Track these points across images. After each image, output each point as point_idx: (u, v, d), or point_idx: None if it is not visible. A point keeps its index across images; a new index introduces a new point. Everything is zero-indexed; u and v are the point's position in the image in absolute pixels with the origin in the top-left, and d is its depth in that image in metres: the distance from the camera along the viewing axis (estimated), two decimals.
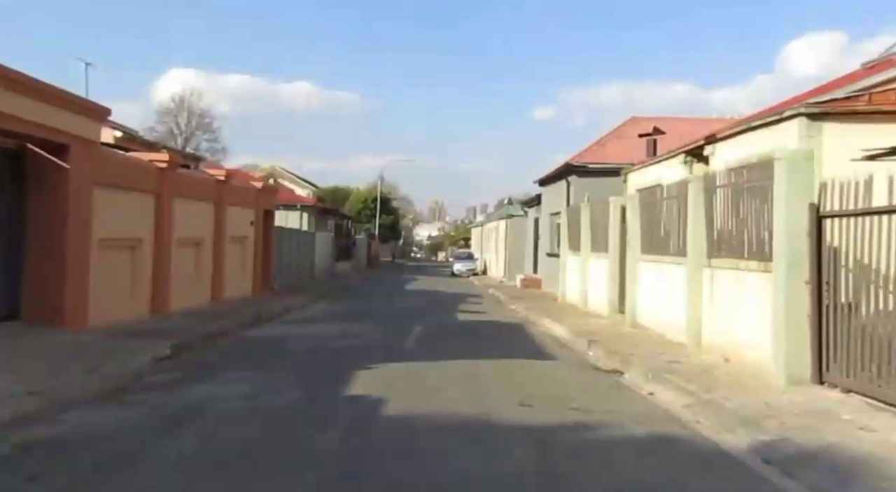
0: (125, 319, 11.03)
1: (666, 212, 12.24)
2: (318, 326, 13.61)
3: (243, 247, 18.50)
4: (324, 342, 10.97)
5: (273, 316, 15.00)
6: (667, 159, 16.36)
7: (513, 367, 9.14)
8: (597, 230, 17.06)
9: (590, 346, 11.54)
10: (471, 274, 42.26)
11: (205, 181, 15.36)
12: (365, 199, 60.49)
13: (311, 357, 9.46)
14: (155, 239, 12.34)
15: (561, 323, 14.55)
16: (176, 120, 66.85)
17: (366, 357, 9.49)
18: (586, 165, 21.45)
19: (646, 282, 13.16)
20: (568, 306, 18.64)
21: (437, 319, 15.86)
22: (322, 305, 18.88)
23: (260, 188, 19.24)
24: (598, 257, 16.72)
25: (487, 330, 14.01)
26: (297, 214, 34.69)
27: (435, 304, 20.27)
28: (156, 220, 12.33)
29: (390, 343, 11.26)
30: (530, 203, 30.49)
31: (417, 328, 13.48)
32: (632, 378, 8.81)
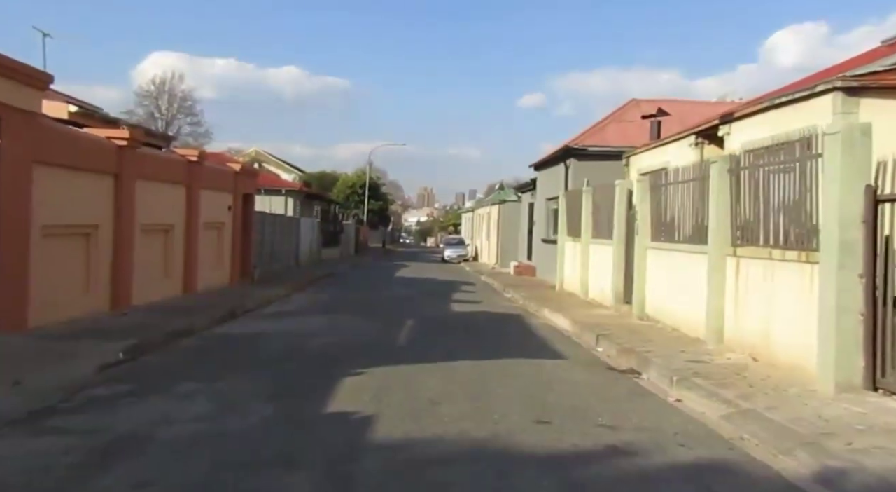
0: (78, 317, 9.83)
1: (681, 196, 11.15)
2: (299, 320, 12.46)
3: (220, 234, 17.27)
4: (304, 341, 9.82)
5: (250, 309, 13.83)
6: (675, 141, 15.27)
7: (520, 369, 8.04)
8: (600, 216, 15.97)
9: (598, 341, 10.49)
10: (461, 260, 41.18)
11: (174, 162, 14.09)
12: (353, 184, 59.07)
13: (288, 360, 8.30)
14: (115, 226, 11.10)
15: (562, 314, 13.49)
16: (157, 103, 65.20)
17: (351, 359, 8.37)
18: (586, 147, 20.32)
19: (656, 271, 12.09)
20: (567, 296, 17.59)
21: (430, 310, 14.76)
22: (305, 295, 17.72)
23: (238, 171, 17.97)
24: (600, 244, 15.64)
25: (485, 323, 12.92)
26: (281, 199, 33.44)
27: (427, 293, 19.15)
28: (115, 204, 11.08)
29: (380, 340, 10.13)
30: (524, 188, 29.37)
31: (409, 321, 12.37)
32: (652, 381, 7.76)
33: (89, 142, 10.48)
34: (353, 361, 8.15)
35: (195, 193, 14.93)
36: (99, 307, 10.64)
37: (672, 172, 11.73)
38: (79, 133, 10.40)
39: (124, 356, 7.72)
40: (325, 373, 7.32)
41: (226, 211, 17.44)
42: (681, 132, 14.82)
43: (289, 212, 32.33)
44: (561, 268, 19.40)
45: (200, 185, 15.25)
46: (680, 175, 11.28)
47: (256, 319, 12.54)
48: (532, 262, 26.62)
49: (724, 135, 12.56)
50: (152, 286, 12.97)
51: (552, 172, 23.30)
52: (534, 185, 26.69)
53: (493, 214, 37.67)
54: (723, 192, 9.29)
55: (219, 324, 11.42)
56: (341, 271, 27.98)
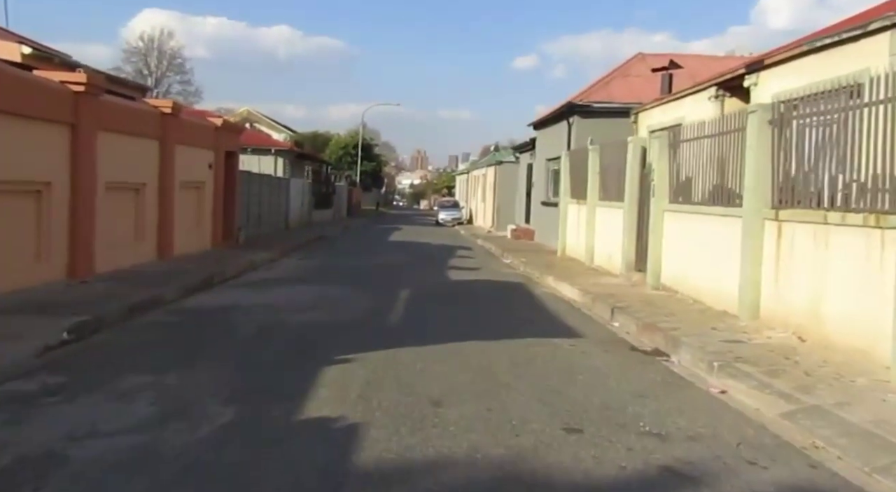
0: (27, 287, 8.66)
1: (706, 153, 9.97)
2: (282, 289, 11.34)
3: (200, 194, 16.00)
4: (285, 316, 8.71)
5: (230, 277, 12.68)
6: (691, 94, 14.02)
7: (533, 352, 6.96)
8: (608, 176, 14.78)
9: (614, 314, 9.43)
10: (456, 223, 40.03)
11: (144, 113, 12.74)
12: (346, 145, 57.41)
13: (262, 342, 7.18)
14: (72, 183, 9.84)
15: (568, 283, 12.42)
16: (145, 60, 63.12)
17: (338, 340, 7.27)
18: (591, 104, 18.99)
19: (675, 236, 10.99)
20: (570, 261, 16.51)
21: (425, 278, 13.66)
22: (292, 260, 16.57)
23: (220, 126, 16.60)
24: (608, 207, 14.49)
25: (487, 293, 11.84)
26: (270, 158, 31.95)
27: (421, 258, 18.04)
28: (72, 158, 9.80)
29: (371, 315, 9.02)
30: (523, 148, 28.05)
31: (404, 292, 11.27)
32: (686, 365, 6.71)
33: (38, 86, 9.15)
34: (340, 343, 7.05)
35: (170, 148, 13.62)
36: (54, 276, 9.45)
37: (694, 127, 10.53)
38: (25, 75, 9.06)
39: (69, 337, 6.57)
40: (305, 360, 6.21)
41: (206, 169, 16.15)
42: (698, 84, 13.56)
43: (278, 173, 30.93)
44: (563, 232, 18.28)
45: (176, 139, 13.93)
46: (706, 129, 10.09)
47: (235, 288, 11.41)
48: (530, 225, 25.48)
49: (751, 85, 11.34)
50: (120, 251, 11.78)
51: (553, 130, 22.00)
52: (533, 145, 25.40)
53: (488, 176, 36.38)
54: (762, 146, 8.12)
55: (191, 294, 10.28)
56: (332, 235, 26.80)
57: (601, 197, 15.23)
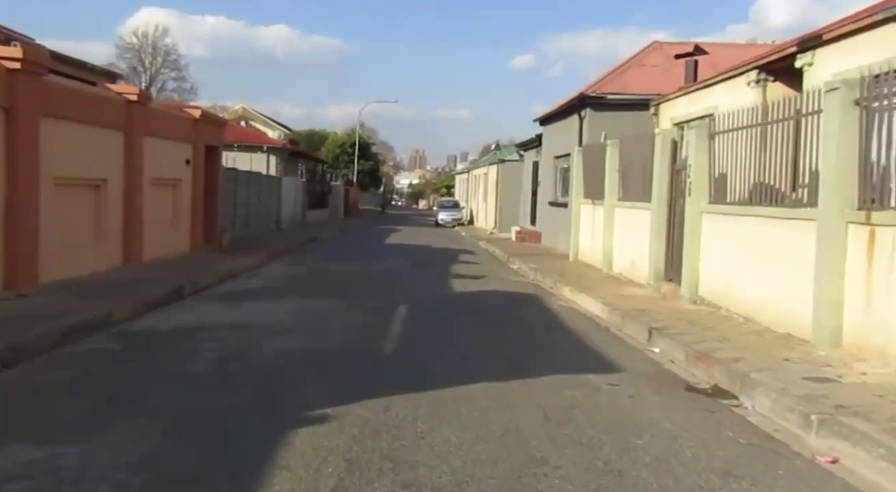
0: None
1: (763, 144, 8.42)
2: (260, 304, 9.77)
3: (176, 192, 14.44)
4: (255, 342, 7.13)
5: (203, 287, 11.11)
6: (724, 81, 12.48)
7: (569, 398, 5.36)
8: (630, 174, 13.22)
9: (652, 337, 7.88)
10: (456, 224, 38.49)
11: (103, 99, 11.15)
12: (343, 143, 55.79)
13: (217, 385, 5.59)
14: (7, 178, 8.27)
15: (588, 294, 10.88)
16: (140, 57, 61.62)
17: (315, 381, 5.71)
18: (605, 95, 17.44)
19: (717, 242, 9.44)
20: (585, 268, 14.96)
21: (426, 288, 12.08)
22: (279, 266, 15.00)
23: (198, 118, 15.03)
24: (631, 208, 12.94)
25: (496, 307, 10.27)
26: (263, 156, 30.40)
27: (422, 264, 16.47)
28: (6, 148, 8.23)
29: (360, 341, 7.45)
30: (528, 145, 26.49)
31: (402, 307, 9.70)
32: (766, 414, 5.16)
33: None
34: (318, 386, 5.49)
35: (137, 140, 12.05)
36: None
37: (744, 114, 8.97)
38: None
39: None
40: (266, 418, 4.61)
41: (183, 165, 14.59)
42: (734, 68, 12.00)
43: (271, 171, 29.37)
44: (576, 235, 16.73)
45: (145, 131, 12.36)
46: (759, 116, 8.53)
47: (206, 302, 9.84)
48: (537, 227, 23.92)
49: (805, 65, 9.80)
50: (75, 257, 10.22)
51: (562, 125, 20.45)
52: (539, 141, 23.84)
53: (490, 175, 34.82)
54: (845, 133, 6.55)
55: (150, 311, 8.70)
56: (327, 237, 25.23)
57: (621, 197, 13.68)
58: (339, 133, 59.99)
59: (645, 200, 12.13)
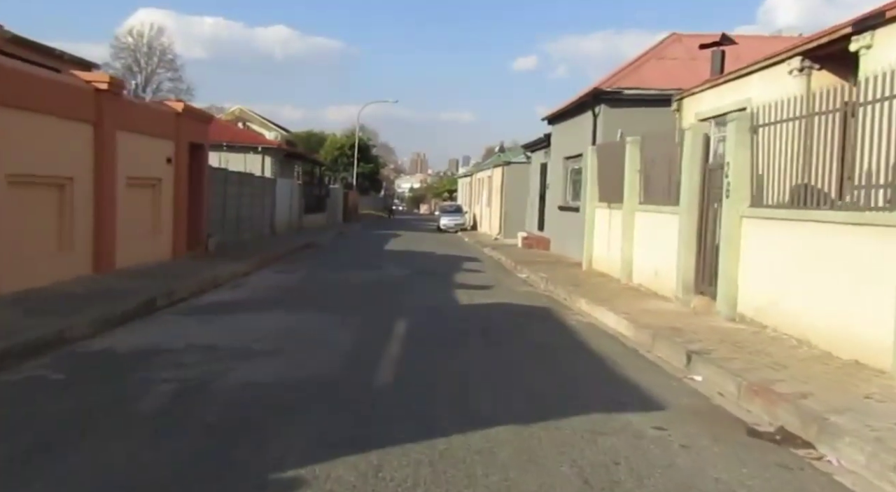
0: None
1: (821, 139, 7.25)
2: (240, 319, 8.59)
3: (156, 194, 13.28)
4: (224, 369, 5.95)
5: (180, 298, 9.94)
6: (760, 70, 11.30)
7: (608, 450, 4.19)
8: (654, 174, 12.05)
9: (691, 362, 6.71)
10: (459, 229, 37.32)
11: (68, 87, 9.97)
12: (342, 145, 54.59)
13: (166, 429, 4.41)
14: None
15: (608, 308, 9.72)
16: (135, 56, 60.67)
17: (289, 425, 4.53)
18: (621, 90, 16.26)
19: (761, 251, 8.26)
20: (600, 278, 13.77)
21: (428, 301, 10.88)
22: (269, 274, 13.82)
23: (181, 112, 13.86)
24: (655, 212, 11.76)
25: (508, 324, 9.07)
26: (257, 157, 29.26)
27: (423, 273, 15.27)
28: None
29: (349, 368, 6.25)
30: (535, 145, 25.30)
31: (400, 324, 8.50)
32: (861, 473, 4.02)
33: None
34: (290, 436, 4.30)
35: (108, 134, 10.89)
36: None
37: (793, 104, 7.80)
38: None
39: None
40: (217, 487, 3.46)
41: (163, 164, 13.42)
42: (773, 55, 10.82)
43: (266, 173, 28.22)
44: (589, 242, 15.55)
45: (118, 124, 11.21)
46: (811, 106, 7.36)
47: (179, 316, 8.66)
48: (545, 233, 22.74)
49: (861, 49, 8.62)
50: (34, 265, 9.07)
51: (573, 124, 19.29)
52: (547, 141, 22.66)
53: (495, 178, 33.65)
54: None
55: (113, 327, 7.53)
56: (323, 242, 24.05)
57: (643, 200, 12.50)
58: (339, 135, 58.83)
59: (671, 204, 10.97)
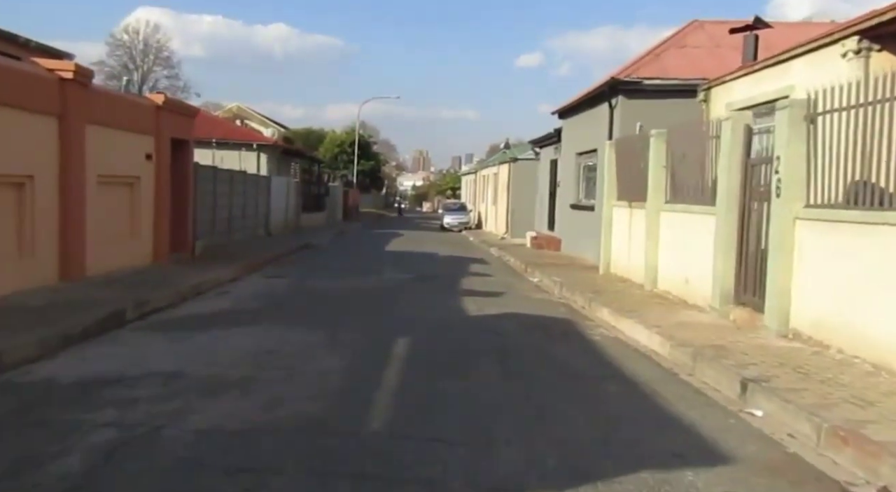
0: None
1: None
2: (215, 336, 7.43)
3: (133, 193, 12.12)
4: (180, 408, 4.79)
5: (153, 309, 8.79)
6: (806, 53, 10.10)
7: None
8: (683, 170, 10.87)
9: (747, 392, 5.55)
10: (463, 228, 36.13)
11: (27, 76, 8.80)
12: (342, 142, 53.40)
13: None
14: None
15: (636, 320, 8.58)
16: (131, 54, 59.64)
17: None
18: (640, 80, 15.05)
19: (825, 259, 7.07)
20: (620, 283, 12.59)
21: (432, 312, 9.69)
22: (258, 281, 12.65)
23: (161, 105, 12.69)
24: (684, 212, 10.58)
25: (525, 341, 7.87)
26: (252, 154, 28.11)
27: (426, 278, 14.08)
28: None
29: (335, 407, 5.05)
30: (544, 141, 24.10)
31: (400, 344, 7.31)
32: None
33: None
34: None
35: (76, 128, 9.74)
36: None
37: (863, 87, 6.60)
38: None
39: None
40: None
41: (142, 161, 12.26)
42: (822, 37, 9.62)
43: (262, 171, 27.08)
44: (607, 244, 14.37)
45: (88, 117, 10.05)
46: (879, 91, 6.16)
47: (148, 332, 7.50)
48: (555, 233, 21.54)
49: None
50: None
51: (587, 117, 18.09)
52: (557, 136, 21.46)
53: (501, 175, 32.45)
54: None
55: (67, 347, 6.39)
56: (321, 243, 22.88)
57: (669, 198, 11.31)
58: (338, 132, 57.60)
59: (704, 203, 9.79)
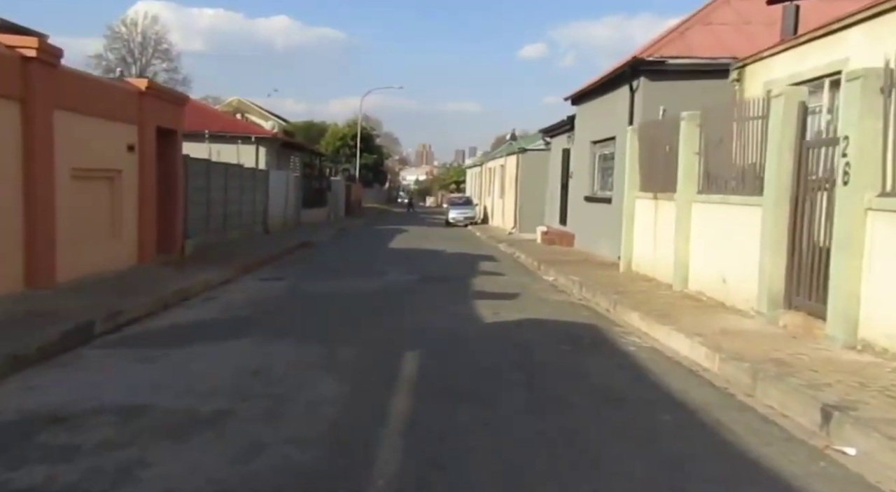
0: None
1: None
2: (191, 354, 6.37)
3: (114, 188, 11.08)
4: (135, 462, 3.77)
5: (129, 319, 7.74)
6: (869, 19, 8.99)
7: None
8: (720, 156, 9.76)
9: (830, 422, 4.47)
10: (469, 223, 35.04)
11: None
12: (344, 135, 52.25)
13: None
14: None
15: (673, 326, 7.54)
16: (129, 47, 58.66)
17: None
18: (664, 60, 13.91)
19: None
20: (645, 283, 11.51)
21: (442, 322, 8.56)
22: (251, 283, 11.59)
23: (144, 90, 11.61)
24: (723, 204, 9.48)
25: (551, 356, 6.78)
26: (251, 148, 27.02)
27: (434, 278, 12.98)
28: None
29: (330, 460, 4.00)
30: (555, 130, 22.96)
31: (408, 364, 6.24)
32: None
33: None
34: None
35: (42, 114, 8.68)
36: None
37: None
38: None
39: None
40: None
41: (123, 152, 11.20)
42: None
43: (261, 165, 26.02)
44: (628, 239, 13.29)
45: (57, 102, 8.99)
46: None
47: (115, 350, 6.45)
48: (567, 227, 20.44)
49: None
50: None
51: (604, 102, 16.96)
52: (570, 125, 20.33)
53: (508, 167, 31.33)
54: None
55: (17, 371, 5.35)
56: (322, 240, 21.83)
57: (703, 188, 10.21)
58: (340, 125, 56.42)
59: (747, 193, 8.71)
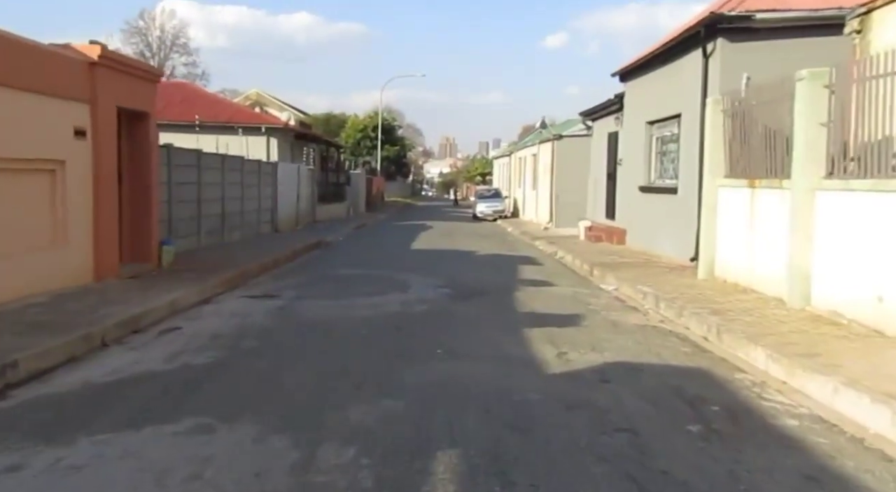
0: None
1: None
2: (70, 465, 3.84)
3: (55, 183, 8.63)
4: None
5: (22, 377, 5.24)
6: None
7: None
8: (866, 128, 6.98)
9: None
10: (498, 217, 32.35)
11: None
12: (364, 127, 49.72)
13: None
14: None
15: (838, 377, 4.79)
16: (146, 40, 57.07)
17: None
18: (751, 15, 11.06)
19: None
20: (741, 295, 8.77)
21: (487, 371, 5.89)
22: (231, 304, 9.05)
23: (97, 61, 9.13)
24: (874, 191, 6.70)
25: (673, 448, 4.10)
26: (262, 140, 24.60)
27: (468, 292, 10.27)
28: None
29: None
30: (598, 112, 20.10)
31: (438, 476, 3.65)
32: None
33: None
34: None
35: None
36: None
37: None
38: None
39: None
40: None
41: (68, 138, 8.75)
42: None
43: (272, 157, 23.62)
44: (709, 237, 10.55)
45: None
46: None
47: None
48: (616, 222, 17.66)
49: None
50: None
51: (666, 74, 14.17)
52: (620, 104, 17.51)
53: (542, 156, 28.55)
54: None
55: None
56: (336, 240, 19.32)
57: (834, 171, 7.45)
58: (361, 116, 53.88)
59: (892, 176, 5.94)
